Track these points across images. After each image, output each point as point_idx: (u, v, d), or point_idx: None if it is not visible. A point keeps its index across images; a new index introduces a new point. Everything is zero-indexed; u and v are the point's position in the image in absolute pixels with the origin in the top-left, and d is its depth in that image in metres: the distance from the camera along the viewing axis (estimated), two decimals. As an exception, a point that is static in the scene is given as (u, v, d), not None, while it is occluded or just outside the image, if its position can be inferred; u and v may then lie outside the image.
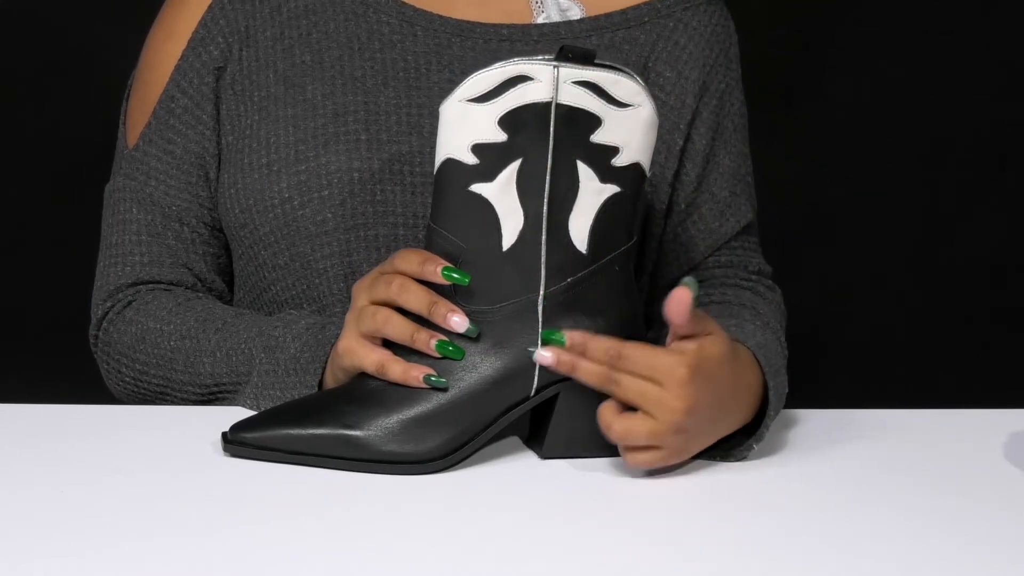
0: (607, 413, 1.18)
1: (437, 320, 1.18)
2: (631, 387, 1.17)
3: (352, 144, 1.37)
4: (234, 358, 1.32)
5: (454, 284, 1.18)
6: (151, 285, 1.42)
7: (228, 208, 1.40)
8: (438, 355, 1.18)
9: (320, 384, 1.27)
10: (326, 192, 1.36)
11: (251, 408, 1.30)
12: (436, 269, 1.18)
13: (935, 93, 2.46)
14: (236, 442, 1.19)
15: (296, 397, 1.27)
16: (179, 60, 1.42)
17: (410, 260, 1.20)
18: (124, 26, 1.58)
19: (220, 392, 1.33)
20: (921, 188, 2.49)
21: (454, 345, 1.18)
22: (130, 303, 1.41)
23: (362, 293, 1.22)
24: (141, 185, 1.43)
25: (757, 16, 1.47)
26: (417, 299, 1.19)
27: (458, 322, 1.18)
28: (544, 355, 1.18)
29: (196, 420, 1.27)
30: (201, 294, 1.43)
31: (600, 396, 1.21)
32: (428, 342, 1.18)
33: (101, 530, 1.07)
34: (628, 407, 1.18)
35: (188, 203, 1.42)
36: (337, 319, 1.31)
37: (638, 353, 1.17)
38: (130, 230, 1.43)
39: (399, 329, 1.19)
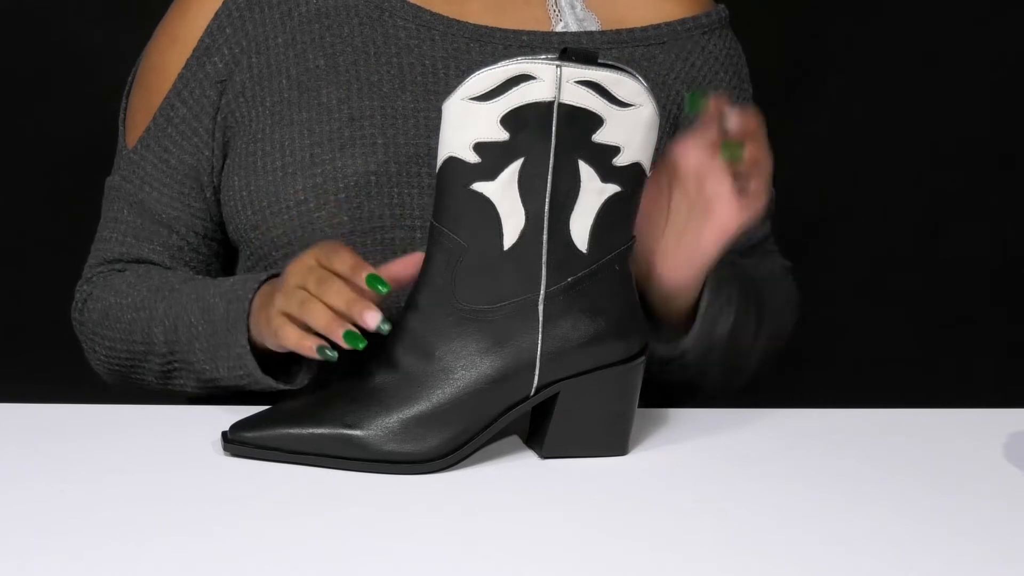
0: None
1: (356, 318, 1.20)
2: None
3: (369, 147, 1.37)
4: (179, 326, 1.35)
5: (452, 284, 1.18)
6: (123, 264, 1.44)
7: (239, 211, 1.40)
8: (346, 345, 1.20)
9: (250, 339, 1.29)
10: (343, 195, 1.36)
11: (210, 373, 1.33)
12: (363, 276, 1.21)
13: (935, 93, 2.46)
14: (236, 442, 1.19)
15: (234, 355, 1.30)
16: (183, 68, 1.42)
17: (344, 262, 1.23)
18: (123, 30, 1.58)
19: (176, 360, 1.36)
20: (922, 188, 2.49)
21: (354, 334, 1.20)
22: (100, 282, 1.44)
23: (295, 276, 1.24)
24: (136, 189, 1.43)
25: (756, 16, 1.47)
26: (338, 297, 1.21)
27: (372, 317, 1.20)
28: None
29: (196, 420, 1.27)
30: (163, 267, 1.44)
31: (599, 397, 1.21)
32: (337, 331, 1.21)
33: (101, 530, 1.07)
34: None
35: (179, 212, 1.42)
36: (257, 274, 1.33)
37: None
38: (119, 229, 1.44)
39: (318, 317, 1.22)
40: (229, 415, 1.23)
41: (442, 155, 1.18)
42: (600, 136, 1.18)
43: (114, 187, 1.45)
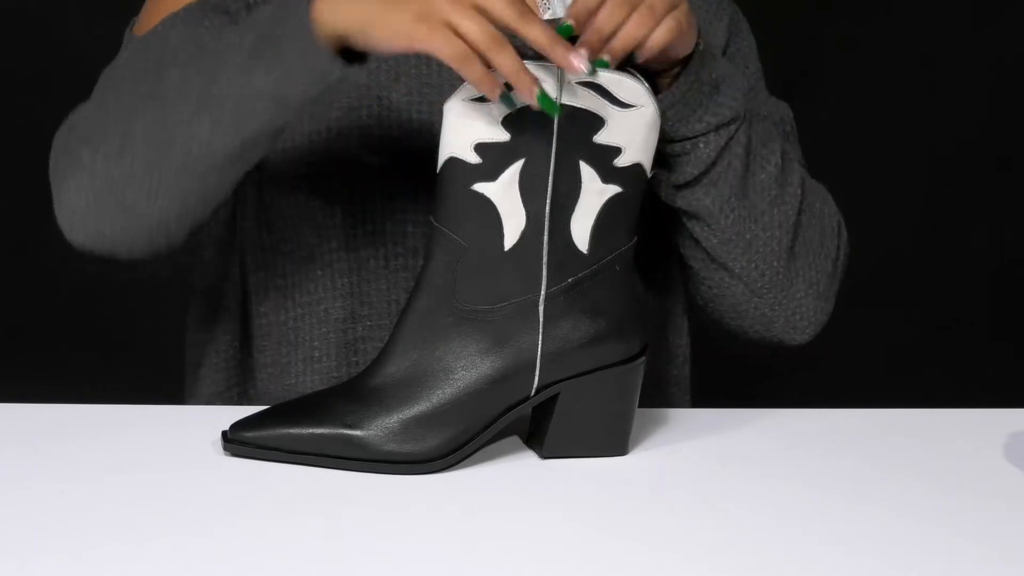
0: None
1: (561, 62, 1.14)
2: None
3: (364, 139, 1.37)
4: (202, 50, 1.22)
5: (453, 284, 1.18)
6: None
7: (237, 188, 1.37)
8: (539, 106, 1.14)
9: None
10: (336, 185, 1.36)
11: (237, 85, 1.19)
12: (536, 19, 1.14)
13: (933, 95, 2.47)
14: (236, 441, 1.19)
15: (288, 37, 1.18)
16: None
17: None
18: (123, 30, 1.58)
19: (190, 95, 1.21)
20: (919, 189, 2.49)
21: (547, 98, 1.14)
22: None
23: None
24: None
25: (753, 18, 1.48)
26: (540, 32, 1.14)
27: (580, 56, 1.14)
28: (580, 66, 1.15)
29: (196, 420, 1.27)
30: None
31: (600, 398, 1.21)
32: (531, 87, 1.13)
33: (101, 530, 1.07)
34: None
35: None
36: None
37: None
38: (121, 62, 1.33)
39: (509, 58, 1.13)
40: (229, 415, 1.23)
41: (443, 156, 1.18)
42: (601, 137, 1.18)
43: (117, 61, 1.34)
